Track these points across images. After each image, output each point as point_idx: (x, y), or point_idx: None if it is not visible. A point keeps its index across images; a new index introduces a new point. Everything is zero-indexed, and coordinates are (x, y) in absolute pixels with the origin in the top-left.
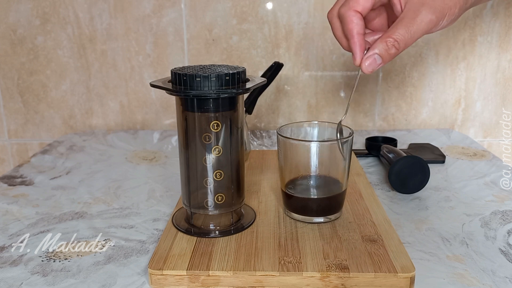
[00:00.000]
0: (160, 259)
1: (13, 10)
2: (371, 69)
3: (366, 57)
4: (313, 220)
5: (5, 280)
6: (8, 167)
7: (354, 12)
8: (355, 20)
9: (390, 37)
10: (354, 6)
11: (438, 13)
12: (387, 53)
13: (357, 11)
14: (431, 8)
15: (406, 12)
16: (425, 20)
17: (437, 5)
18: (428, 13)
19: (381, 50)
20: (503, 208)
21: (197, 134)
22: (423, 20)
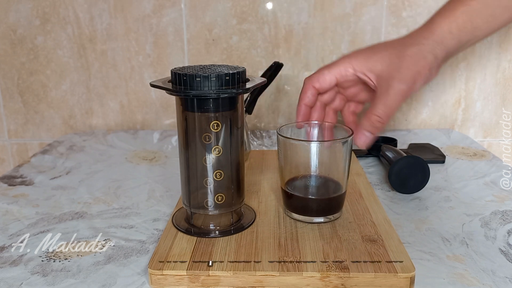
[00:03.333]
0: (160, 259)
1: (13, 10)
2: (365, 144)
3: (358, 135)
4: (313, 220)
5: (5, 280)
6: (8, 167)
7: (311, 86)
8: (309, 93)
9: (373, 115)
10: (313, 82)
11: (407, 82)
12: (374, 128)
13: (314, 86)
14: (400, 80)
15: (380, 88)
16: (398, 92)
17: (404, 75)
18: (398, 85)
19: (368, 127)
20: (503, 208)
21: (197, 134)
22: (396, 92)
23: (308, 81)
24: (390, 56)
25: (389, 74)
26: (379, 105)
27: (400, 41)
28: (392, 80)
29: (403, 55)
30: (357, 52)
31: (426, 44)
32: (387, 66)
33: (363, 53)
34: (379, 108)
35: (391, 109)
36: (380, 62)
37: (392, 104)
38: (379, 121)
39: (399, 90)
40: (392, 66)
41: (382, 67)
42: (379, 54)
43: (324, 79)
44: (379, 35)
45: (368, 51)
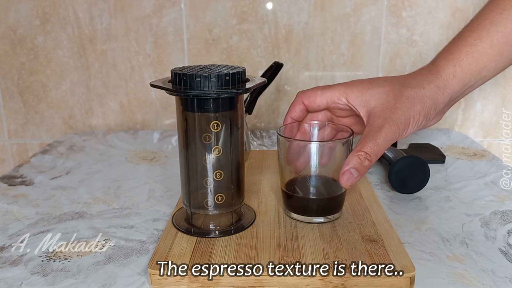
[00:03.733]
0: (160, 259)
1: (13, 10)
2: (350, 183)
3: (343, 172)
4: (313, 220)
5: (5, 280)
6: (8, 167)
7: (301, 101)
8: (297, 108)
9: (361, 151)
10: (304, 97)
11: (400, 124)
12: (362, 166)
13: (303, 102)
14: (393, 122)
15: (371, 125)
16: (389, 133)
17: (398, 118)
18: (391, 126)
19: (355, 164)
20: (503, 208)
21: (197, 134)
22: (387, 132)
23: (300, 95)
24: (387, 94)
25: (382, 112)
26: (368, 142)
27: (401, 79)
28: (384, 120)
29: (400, 95)
30: (354, 83)
31: (427, 89)
32: (381, 104)
33: (360, 85)
34: (368, 145)
35: (380, 149)
36: (375, 98)
37: (381, 143)
38: (367, 158)
39: (390, 131)
40: (386, 105)
41: (375, 104)
42: (376, 89)
43: (315, 99)
44: (379, 35)
45: (366, 83)
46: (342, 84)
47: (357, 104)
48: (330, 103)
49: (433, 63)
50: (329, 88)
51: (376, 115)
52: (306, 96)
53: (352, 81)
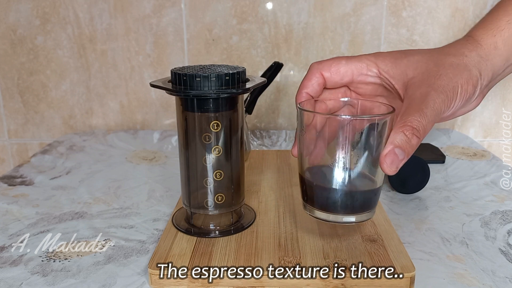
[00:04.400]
0: (160, 259)
1: (13, 10)
2: (395, 167)
3: (385, 154)
4: (343, 219)
5: (5, 280)
6: (8, 167)
7: (320, 74)
8: (314, 80)
9: (406, 125)
10: (323, 68)
11: (448, 92)
12: (409, 145)
13: (322, 74)
14: (440, 88)
15: (412, 96)
16: (437, 101)
17: (445, 85)
18: (438, 94)
19: (401, 142)
20: (503, 208)
21: (197, 134)
22: (436, 100)
23: (316, 66)
24: (425, 62)
25: (424, 81)
26: (414, 115)
27: (436, 49)
28: (429, 87)
29: (442, 62)
30: (383, 53)
31: (469, 57)
32: (421, 73)
33: (391, 55)
34: (415, 117)
35: (429, 121)
36: (412, 67)
37: (430, 114)
38: (416, 134)
39: (439, 99)
40: (428, 73)
41: (414, 74)
42: (411, 57)
43: (338, 70)
44: (379, 35)
45: (397, 53)
46: (368, 54)
47: (392, 75)
48: (356, 76)
49: (469, 34)
50: (353, 58)
51: (416, 85)
52: (326, 66)
53: (379, 52)
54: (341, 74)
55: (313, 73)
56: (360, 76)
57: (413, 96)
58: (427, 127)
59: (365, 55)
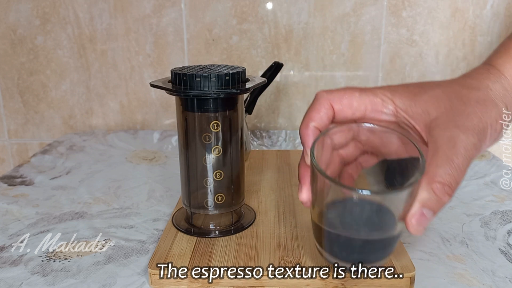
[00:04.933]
0: (160, 259)
1: (13, 10)
2: (422, 228)
3: (412, 215)
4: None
5: (5, 280)
6: (8, 167)
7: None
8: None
9: (435, 182)
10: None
11: (479, 134)
12: (439, 204)
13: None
14: (470, 131)
15: (438, 140)
16: (468, 146)
17: (475, 125)
18: (468, 137)
19: (431, 201)
20: (503, 208)
21: (197, 134)
22: (466, 146)
23: (326, 96)
24: (449, 98)
25: (450, 122)
26: (442, 166)
27: (456, 80)
28: (457, 129)
29: (467, 99)
30: (397, 87)
31: (494, 90)
32: (445, 112)
33: (407, 89)
34: (443, 170)
35: (461, 173)
36: (434, 105)
37: (461, 164)
38: (447, 192)
39: (469, 145)
40: (453, 112)
41: (437, 113)
42: (430, 92)
43: (350, 103)
44: (379, 35)
45: (413, 87)
46: (383, 88)
47: (411, 114)
48: (369, 112)
49: (489, 62)
50: (367, 91)
51: (441, 126)
52: (338, 98)
53: (394, 86)
54: (353, 108)
55: (322, 104)
56: (374, 112)
57: (439, 140)
58: (459, 180)
59: (380, 89)
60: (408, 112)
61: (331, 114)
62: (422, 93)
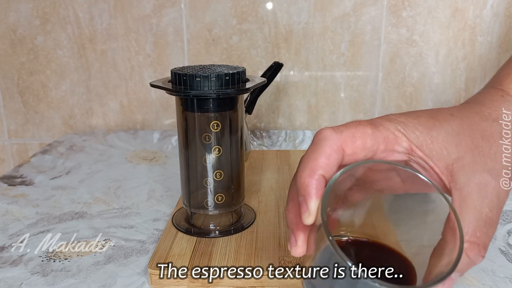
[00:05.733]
0: (160, 259)
1: (13, 10)
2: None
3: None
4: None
5: (5, 280)
6: (8, 167)
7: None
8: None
9: (468, 242)
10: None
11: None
12: (470, 265)
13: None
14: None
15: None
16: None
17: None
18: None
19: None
20: (503, 208)
21: (197, 134)
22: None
23: (335, 136)
24: (470, 134)
25: (477, 164)
26: (476, 222)
27: (472, 109)
28: (487, 175)
29: (490, 134)
30: (408, 118)
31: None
32: (469, 152)
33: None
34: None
35: (495, 226)
36: (454, 142)
37: (495, 216)
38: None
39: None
40: (479, 152)
41: (460, 153)
42: (447, 127)
43: (364, 144)
44: (379, 35)
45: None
46: (389, 118)
47: (428, 154)
48: (381, 151)
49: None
50: (378, 124)
51: (467, 170)
52: (350, 138)
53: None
54: (366, 149)
55: (332, 147)
56: (386, 152)
57: (467, 188)
58: (492, 236)
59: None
60: (425, 151)
61: (341, 159)
62: (438, 127)
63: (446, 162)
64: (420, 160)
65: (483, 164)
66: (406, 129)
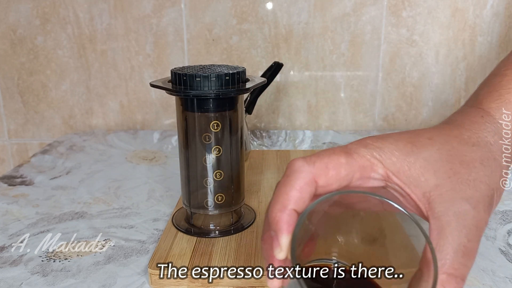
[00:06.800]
0: (160, 259)
1: (13, 10)
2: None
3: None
4: None
5: (5, 280)
6: (8, 167)
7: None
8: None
9: (445, 274)
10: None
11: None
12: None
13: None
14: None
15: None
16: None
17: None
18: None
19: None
20: (503, 208)
21: (197, 134)
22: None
23: (307, 169)
24: (449, 160)
25: (455, 193)
26: (454, 253)
27: (451, 133)
28: (465, 203)
29: (470, 160)
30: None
31: (494, 144)
32: (448, 179)
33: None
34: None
35: (473, 256)
36: (432, 169)
37: (473, 247)
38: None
39: (480, 221)
40: (457, 180)
41: (438, 180)
42: (425, 152)
43: (338, 174)
44: (379, 35)
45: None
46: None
47: (405, 181)
48: (356, 179)
49: (479, 105)
50: (352, 152)
51: (445, 198)
52: (323, 169)
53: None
54: (340, 179)
55: (304, 179)
56: (361, 179)
57: (445, 217)
58: (471, 266)
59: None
60: (401, 178)
61: (313, 191)
62: (416, 152)
63: (423, 189)
64: (397, 187)
65: (461, 192)
66: (382, 155)
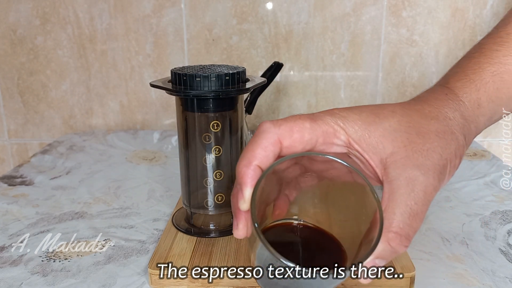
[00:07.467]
0: (160, 259)
1: (13, 10)
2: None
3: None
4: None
5: (5, 280)
6: (8, 167)
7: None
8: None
9: (391, 232)
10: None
11: (440, 174)
12: (393, 254)
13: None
14: (430, 171)
15: (395, 182)
16: (428, 189)
17: (435, 164)
18: (428, 179)
19: (384, 252)
20: (503, 208)
21: (197, 134)
22: (426, 190)
23: (274, 130)
24: (406, 131)
25: (408, 160)
26: (401, 214)
27: (414, 106)
28: (416, 170)
29: (426, 130)
30: (349, 113)
31: (454, 120)
32: (403, 147)
33: (360, 117)
34: (401, 219)
35: (420, 219)
36: (390, 137)
37: (420, 210)
38: (403, 243)
39: (429, 188)
40: (412, 148)
41: (394, 148)
42: (386, 123)
43: (302, 137)
44: (379, 35)
45: (367, 113)
46: (332, 113)
47: (364, 148)
48: (320, 144)
49: (446, 84)
50: (317, 119)
51: (399, 164)
52: (287, 132)
53: (344, 110)
54: (304, 142)
55: (269, 140)
56: (325, 144)
57: (396, 182)
58: (417, 228)
59: (330, 115)
60: (361, 145)
61: (277, 151)
62: (377, 122)
63: (381, 156)
64: (357, 153)
65: (414, 160)
66: (346, 123)
